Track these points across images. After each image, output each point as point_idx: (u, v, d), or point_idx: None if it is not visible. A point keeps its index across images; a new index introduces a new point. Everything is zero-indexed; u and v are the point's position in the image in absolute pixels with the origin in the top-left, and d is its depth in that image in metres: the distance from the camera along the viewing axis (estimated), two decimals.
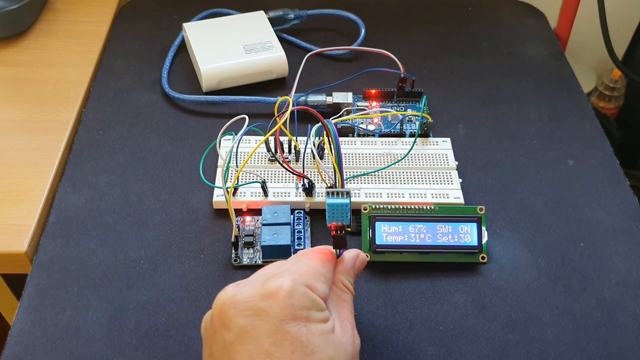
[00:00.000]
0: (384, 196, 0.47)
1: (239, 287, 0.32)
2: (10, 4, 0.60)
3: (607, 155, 0.54)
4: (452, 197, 0.48)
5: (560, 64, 0.64)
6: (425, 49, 0.65)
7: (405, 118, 0.54)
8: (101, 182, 0.50)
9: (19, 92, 0.58)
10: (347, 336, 0.33)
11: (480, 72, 0.62)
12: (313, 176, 0.48)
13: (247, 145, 0.51)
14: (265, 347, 0.30)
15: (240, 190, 0.47)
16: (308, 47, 0.63)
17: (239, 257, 0.45)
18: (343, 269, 0.37)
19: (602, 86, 0.89)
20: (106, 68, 0.61)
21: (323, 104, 0.55)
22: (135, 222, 0.47)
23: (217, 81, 0.57)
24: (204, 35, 0.60)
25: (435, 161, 0.50)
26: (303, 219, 0.47)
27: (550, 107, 0.59)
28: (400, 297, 0.43)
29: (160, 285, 0.44)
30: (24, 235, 0.46)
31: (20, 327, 0.41)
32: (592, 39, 0.79)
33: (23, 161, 0.51)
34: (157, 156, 0.52)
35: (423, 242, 0.44)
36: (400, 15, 0.70)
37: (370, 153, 0.51)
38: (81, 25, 0.66)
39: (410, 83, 0.56)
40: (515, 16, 0.71)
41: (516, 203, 0.50)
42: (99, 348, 0.40)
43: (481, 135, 0.55)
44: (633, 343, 0.41)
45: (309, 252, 0.35)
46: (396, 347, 0.41)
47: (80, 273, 0.44)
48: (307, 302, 0.31)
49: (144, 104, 0.57)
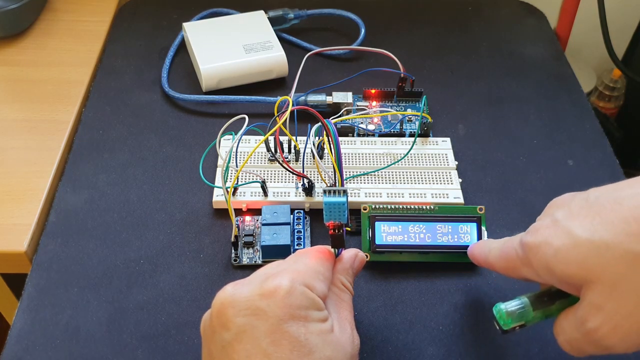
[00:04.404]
0: (383, 196, 0.47)
1: (238, 287, 0.32)
2: (10, 3, 0.60)
3: (607, 155, 0.54)
4: (451, 197, 0.48)
5: (560, 64, 0.64)
6: (425, 49, 0.65)
7: (405, 118, 0.54)
8: (101, 182, 0.50)
9: (19, 91, 0.58)
10: (346, 336, 0.33)
11: (480, 72, 0.62)
12: (313, 176, 0.48)
13: (247, 145, 0.51)
14: (263, 346, 0.30)
15: (240, 190, 0.48)
16: (308, 47, 0.63)
17: (239, 257, 0.45)
18: (342, 269, 0.37)
19: (602, 86, 0.89)
20: (106, 68, 0.61)
21: (323, 104, 0.55)
22: (135, 222, 0.47)
23: (217, 81, 0.57)
24: (204, 35, 0.60)
25: (435, 161, 0.50)
26: (303, 218, 0.47)
27: (550, 107, 0.59)
28: (400, 297, 0.43)
29: (160, 285, 0.44)
30: (23, 234, 0.46)
31: (20, 327, 0.41)
32: (592, 39, 0.79)
33: (23, 161, 0.51)
34: (157, 156, 0.52)
35: (423, 242, 0.44)
36: (400, 15, 0.70)
37: (370, 153, 0.51)
38: (81, 24, 0.66)
39: (410, 83, 0.56)
40: (515, 16, 0.71)
41: (516, 203, 0.50)
42: (98, 348, 0.40)
43: (481, 135, 0.55)
44: None
45: (307, 251, 0.35)
46: (396, 347, 0.41)
47: (80, 273, 0.44)
48: (305, 301, 0.31)
49: (143, 103, 0.57)
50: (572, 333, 0.31)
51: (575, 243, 0.29)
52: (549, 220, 0.31)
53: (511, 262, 0.34)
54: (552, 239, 0.30)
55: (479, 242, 0.40)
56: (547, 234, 0.31)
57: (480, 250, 0.38)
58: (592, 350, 0.31)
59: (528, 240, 0.32)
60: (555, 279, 0.31)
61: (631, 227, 0.27)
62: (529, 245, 0.31)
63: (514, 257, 0.33)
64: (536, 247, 0.31)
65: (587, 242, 0.29)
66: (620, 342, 0.29)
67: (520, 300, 0.34)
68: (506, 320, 0.34)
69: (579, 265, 0.29)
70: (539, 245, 0.31)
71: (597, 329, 0.29)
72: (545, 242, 0.30)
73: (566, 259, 0.29)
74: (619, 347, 0.29)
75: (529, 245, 0.31)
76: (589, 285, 0.29)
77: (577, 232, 0.29)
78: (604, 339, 0.29)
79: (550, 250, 0.30)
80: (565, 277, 0.30)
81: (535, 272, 0.32)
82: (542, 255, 0.30)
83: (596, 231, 0.28)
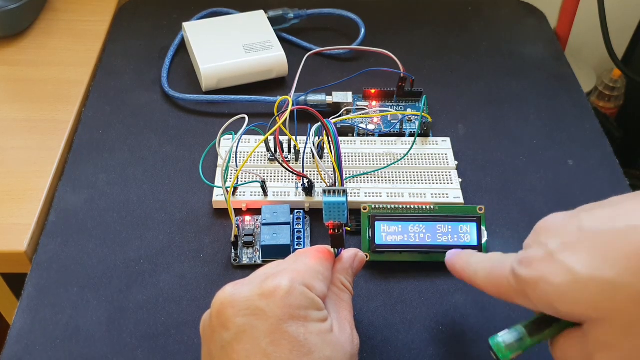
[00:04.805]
0: (383, 196, 0.47)
1: (238, 287, 0.32)
2: (10, 3, 0.60)
3: (607, 155, 0.54)
4: (451, 197, 0.48)
5: (560, 63, 0.64)
6: (425, 48, 0.65)
7: (405, 118, 0.54)
8: (101, 182, 0.50)
9: (19, 91, 0.58)
10: (345, 335, 0.33)
11: (480, 72, 0.62)
12: (313, 176, 0.48)
13: (247, 144, 0.51)
14: (263, 346, 0.30)
15: (240, 189, 0.48)
16: (308, 47, 0.63)
17: (239, 256, 0.45)
18: (342, 268, 0.37)
19: (602, 86, 0.88)
20: (106, 67, 0.61)
21: (323, 104, 0.55)
22: (135, 221, 0.47)
23: (217, 81, 0.57)
24: (204, 35, 0.60)
25: (435, 161, 0.50)
26: (303, 218, 0.47)
27: (550, 107, 0.59)
28: (400, 296, 0.43)
29: (159, 285, 0.44)
30: (23, 234, 0.46)
31: (19, 327, 0.41)
32: (592, 38, 0.79)
33: (23, 161, 0.51)
34: (157, 156, 0.52)
35: (423, 241, 0.44)
36: (400, 15, 0.70)
37: (370, 153, 0.51)
38: (81, 24, 0.66)
39: (410, 83, 0.56)
40: (515, 16, 0.71)
41: (516, 203, 0.50)
42: (98, 348, 0.40)
43: (481, 135, 0.55)
44: None
45: (307, 251, 0.35)
46: (396, 346, 0.41)
47: (80, 272, 0.44)
48: (305, 301, 0.31)
49: (143, 103, 0.57)
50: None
51: (577, 281, 0.28)
52: (542, 252, 0.30)
53: (503, 289, 0.33)
54: (551, 277, 0.29)
55: (459, 254, 0.38)
56: (543, 270, 0.29)
57: (462, 266, 0.37)
58: None
59: (523, 274, 0.31)
60: (557, 314, 0.30)
61: (633, 264, 0.27)
62: (525, 280, 0.30)
63: (506, 286, 0.32)
64: (534, 284, 0.30)
65: (591, 281, 0.28)
66: None
67: (517, 331, 0.34)
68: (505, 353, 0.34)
69: (587, 306, 0.28)
70: (537, 282, 0.30)
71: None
72: (544, 279, 0.29)
73: (572, 299, 0.28)
74: None
75: (525, 280, 0.30)
76: (596, 323, 0.28)
77: (578, 268, 0.28)
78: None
79: (550, 288, 0.29)
80: (570, 315, 0.29)
81: (534, 305, 0.31)
82: (542, 292, 0.29)
83: (598, 268, 0.28)
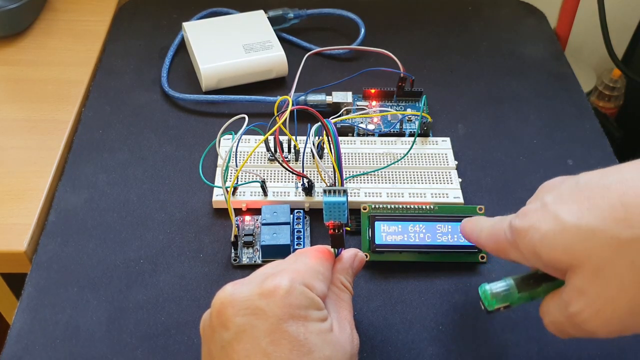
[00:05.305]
0: (383, 196, 0.47)
1: (237, 286, 0.32)
2: (10, 3, 0.60)
3: (607, 155, 0.54)
4: (451, 197, 0.48)
5: (560, 63, 0.64)
6: (425, 48, 0.65)
7: (405, 117, 0.54)
8: (101, 182, 0.50)
9: (19, 91, 0.58)
10: (345, 335, 0.33)
11: (480, 72, 0.62)
12: (312, 176, 0.48)
13: (247, 144, 0.51)
14: (263, 346, 0.30)
15: (240, 189, 0.48)
16: (308, 47, 0.63)
17: (239, 256, 0.45)
18: (341, 268, 0.37)
19: (602, 86, 0.88)
20: (106, 67, 0.61)
21: (323, 104, 0.55)
22: (134, 221, 0.47)
23: (217, 80, 0.57)
24: (204, 35, 0.60)
25: (434, 161, 0.50)
26: (302, 218, 0.47)
27: (550, 106, 0.59)
28: (399, 296, 0.43)
29: (159, 284, 0.44)
30: (23, 234, 0.46)
31: (19, 327, 0.41)
32: (592, 38, 0.79)
33: (23, 160, 0.51)
34: (157, 156, 0.52)
35: (423, 241, 0.44)
36: (400, 15, 0.70)
37: (370, 153, 0.51)
38: (81, 24, 0.66)
39: (410, 82, 0.56)
40: (515, 16, 0.71)
41: (516, 203, 0.49)
42: (98, 348, 0.40)
43: (481, 135, 0.55)
44: (632, 342, 0.41)
45: (307, 251, 0.35)
46: (395, 346, 0.41)
47: (80, 272, 0.44)
48: (305, 301, 0.31)
49: (143, 103, 0.57)
50: (557, 315, 0.31)
51: (562, 228, 0.29)
52: (538, 204, 0.31)
53: (500, 244, 0.34)
54: (540, 224, 0.30)
55: (472, 218, 0.39)
56: (535, 218, 0.31)
57: (471, 228, 0.38)
58: (575, 333, 0.31)
59: (516, 224, 0.32)
60: (541, 263, 0.31)
61: (618, 213, 0.28)
62: (517, 229, 0.31)
63: (503, 239, 0.33)
64: (524, 231, 0.31)
65: (574, 228, 0.29)
66: (601, 327, 0.29)
67: (505, 282, 0.34)
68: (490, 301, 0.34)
69: (564, 251, 0.29)
70: (527, 230, 0.31)
71: (579, 313, 0.29)
72: (533, 226, 0.30)
73: (552, 244, 0.29)
74: (600, 331, 0.29)
75: (517, 229, 0.31)
76: (573, 270, 0.29)
77: (565, 217, 0.29)
78: (586, 323, 0.29)
79: (537, 235, 0.30)
80: (551, 261, 0.30)
81: (523, 256, 0.32)
82: (529, 239, 0.31)
83: (583, 217, 0.29)
